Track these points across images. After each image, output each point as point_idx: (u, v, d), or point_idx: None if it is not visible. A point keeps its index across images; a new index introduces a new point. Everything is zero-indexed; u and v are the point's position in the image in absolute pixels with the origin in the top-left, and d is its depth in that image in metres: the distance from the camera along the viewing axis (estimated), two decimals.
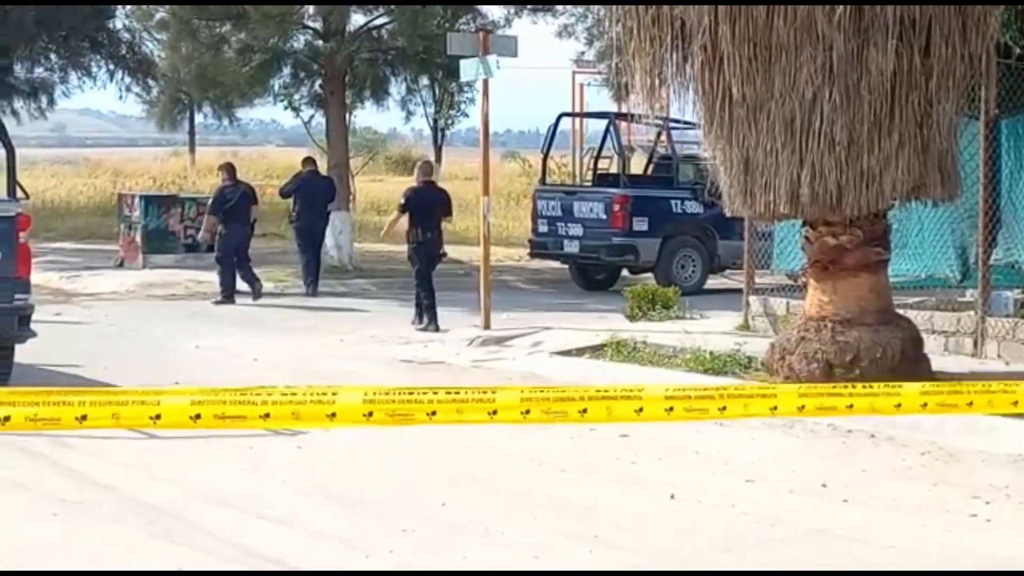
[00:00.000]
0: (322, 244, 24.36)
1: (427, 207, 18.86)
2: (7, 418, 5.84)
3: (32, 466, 10.19)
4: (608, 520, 9.02)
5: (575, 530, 8.75)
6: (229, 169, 23.36)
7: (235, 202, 22.69)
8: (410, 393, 6.24)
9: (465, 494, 9.66)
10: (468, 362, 15.89)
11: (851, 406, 6.73)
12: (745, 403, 6.61)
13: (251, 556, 8.14)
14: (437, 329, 18.31)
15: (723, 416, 6.57)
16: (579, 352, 15.78)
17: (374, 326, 18.95)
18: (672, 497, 9.59)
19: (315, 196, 23.88)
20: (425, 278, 18.82)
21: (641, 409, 6.42)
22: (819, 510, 9.42)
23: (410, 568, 7.95)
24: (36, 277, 16.07)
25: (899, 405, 6.77)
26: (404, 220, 18.94)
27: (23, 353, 13.76)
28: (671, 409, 6.43)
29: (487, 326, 17.68)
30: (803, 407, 6.70)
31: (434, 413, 6.18)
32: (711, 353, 14.63)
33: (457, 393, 6.34)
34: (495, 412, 6.28)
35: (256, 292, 22.30)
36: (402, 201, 19.07)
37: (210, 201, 23.54)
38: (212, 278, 24.34)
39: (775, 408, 6.65)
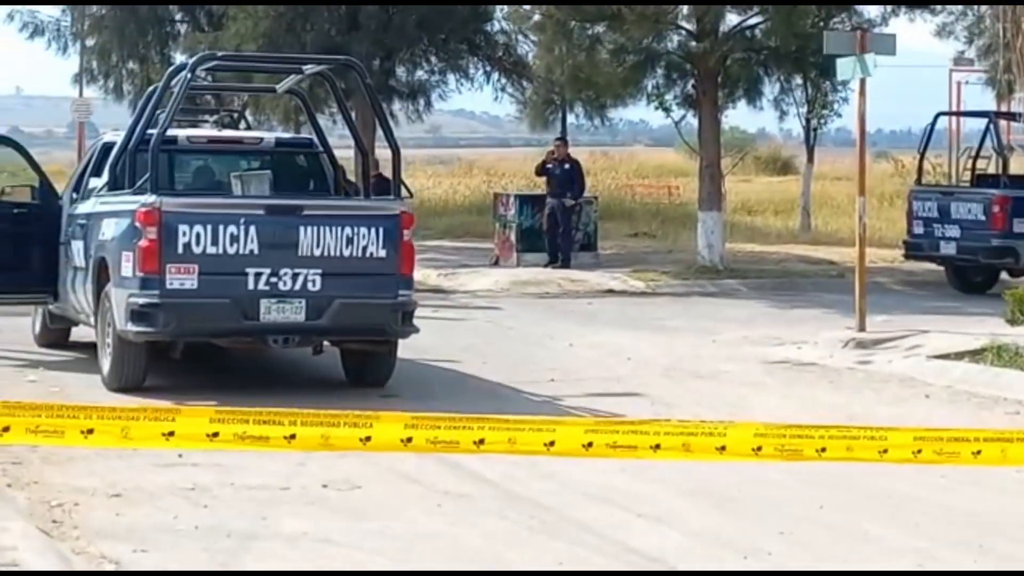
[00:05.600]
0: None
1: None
2: (409, 439, 6.31)
3: (418, 460, 10.42)
4: (994, 529, 8.82)
5: (959, 538, 8.57)
6: (375, 164, 24.56)
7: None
8: (800, 429, 6.48)
9: (843, 496, 9.54)
10: (842, 364, 15.73)
11: None
12: None
13: (631, 553, 8.23)
14: None
15: None
16: (958, 356, 15.44)
17: (746, 327, 18.89)
18: None
19: None
20: None
21: None
22: None
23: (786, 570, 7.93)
24: (416, 274, 16.53)
25: None
26: None
27: (405, 348, 14.18)
28: None
29: (862, 328, 17.40)
30: None
31: (823, 450, 6.39)
32: None
33: (848, 431, 6.56)
34: (885, 451, 6.48)
35: None
36: None
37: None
38: (585, 277, 24.65)
39: None
